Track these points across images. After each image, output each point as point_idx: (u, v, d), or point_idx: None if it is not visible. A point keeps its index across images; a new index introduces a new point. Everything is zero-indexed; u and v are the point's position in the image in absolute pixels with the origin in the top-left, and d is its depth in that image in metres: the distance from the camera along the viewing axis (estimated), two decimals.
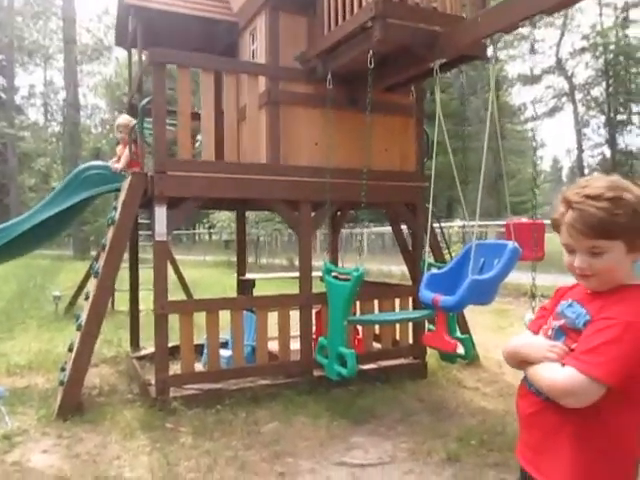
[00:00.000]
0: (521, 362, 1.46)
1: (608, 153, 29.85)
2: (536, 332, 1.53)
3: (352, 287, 3.78)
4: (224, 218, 19.99)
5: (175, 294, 8.37)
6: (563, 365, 1.32)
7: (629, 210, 1.30)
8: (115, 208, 4.46)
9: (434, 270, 4.06)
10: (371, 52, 3.82)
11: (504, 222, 6.73)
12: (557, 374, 1.31)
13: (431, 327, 4.17)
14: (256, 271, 14.16)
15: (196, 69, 4.51)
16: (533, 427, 1.45)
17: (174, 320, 4.27)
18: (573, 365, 1.29)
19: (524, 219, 4.69)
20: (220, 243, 27.27)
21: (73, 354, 4.05)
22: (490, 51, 3.68)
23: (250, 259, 21.50)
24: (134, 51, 5.53)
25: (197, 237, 34.24)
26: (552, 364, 1.35)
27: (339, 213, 6.37)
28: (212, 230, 27.01)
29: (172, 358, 4.49)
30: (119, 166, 5.17)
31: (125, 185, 4.31)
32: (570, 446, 1.34)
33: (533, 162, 3.49)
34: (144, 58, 4.97)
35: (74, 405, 3.94)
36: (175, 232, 35.26)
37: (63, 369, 4.33)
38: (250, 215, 19.21)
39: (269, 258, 21.22)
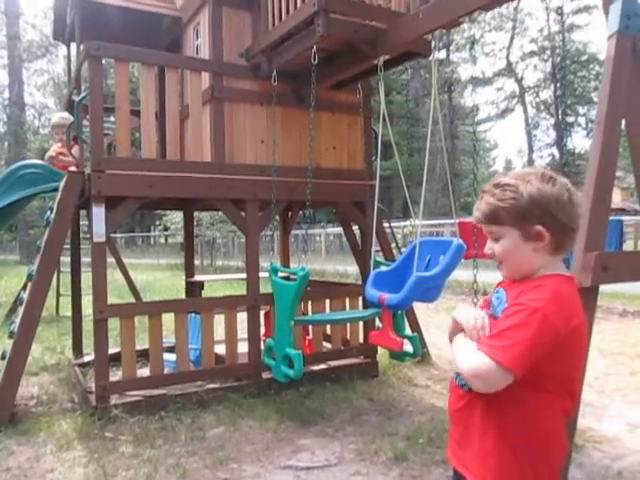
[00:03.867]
0: (452, 334, 1.46)
1: (557, 154, 30.85)
2: None
3: (297, 287, 3.71)
4: (178, 220, 19.59)
5: (126, 298, 8.16)
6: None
7: (516, 196, 1.32)
8: (51, 209, 4.26)
9: (382, 268, 4.03)
10: (315, 48, 3.77)
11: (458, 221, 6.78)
12: (468, 356, 1.29)
13: (380, 325, 4.15)
14: (211, 274, 13.94)
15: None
16: (459, 422, 1.43)
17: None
18: (480, 349, 1.27)
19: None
20: (176, 246, 26.77)
21: (5, 362, 3.83)
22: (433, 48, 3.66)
23: (206, 261, 21.23)
24: (76, 47, 5.32)
25: (152, 240, 33.51)
26: (469, 345, 1.33)
27: (290, 213, 6.30)
28: (167, 233, 26.46)
29: (118, 364, 4.33)
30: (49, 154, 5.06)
31: (61, 185, 4.12)
32: (493, 442, 1.31)
33: (474, 160, 3.51)
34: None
35: (6, 416, 3.73)
36: (130, 235, 34.47)
37: None
38: (205, 216, 18.93)
39: (225, 260, 20.95)
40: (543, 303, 1.25)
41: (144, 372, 4.42)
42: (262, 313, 4.78)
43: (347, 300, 5.00)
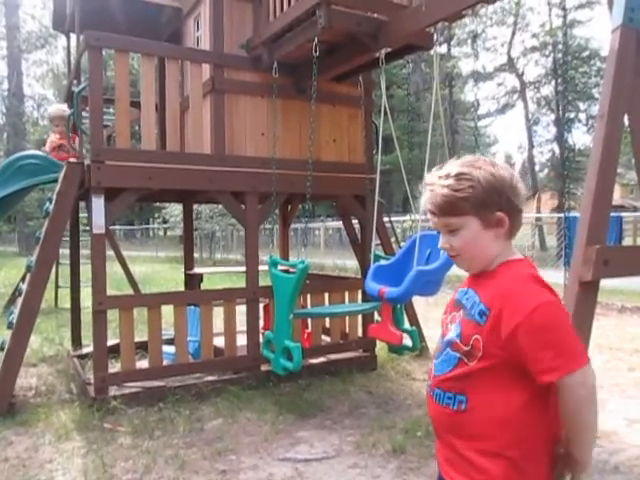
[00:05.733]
0: None
1: (557, 150, 30.76)
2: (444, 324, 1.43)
3: (297, 280, 3.70)
4: (177, 213, 19.56)
5: (125, 291, 8.14)
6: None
7: (474, 184, 1.28)
8: (50, 200, 4.24)
9: (382, 262, 4.03)
10: (316, 40, 3.74)
11: None
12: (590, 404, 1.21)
13: (379, 319, 4.15)
14: (210, 267, 13.93)
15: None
16: (443, 436, 1.36)
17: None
18: (560, 374, 1.18)
19: None
20: (175, 239, 26.75)
21: (4, 353, 3.83)
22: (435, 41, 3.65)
23: (205, 255, 21.22)
24: (75, 38, 5.29)
25: (151, 233, 33.49)
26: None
27: (289, 207, 6.29)
28: (166, 225, 26.44)
29: (117, 356, 4.33)
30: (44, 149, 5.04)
31: (61, 175, 4.10)
32: (493, 456, 1.25)
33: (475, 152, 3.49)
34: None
35: (5, 407, 3.73)
36: (129, 228, 34.42)
37: None
38: (204, 209, 18.90)
39: (224, 253, 20.94)
40: (545, 296, 1.22)
41: (143, 364, 4.42)
42: (261, 306, 4.78)
43: (346, 294, 5.00)
